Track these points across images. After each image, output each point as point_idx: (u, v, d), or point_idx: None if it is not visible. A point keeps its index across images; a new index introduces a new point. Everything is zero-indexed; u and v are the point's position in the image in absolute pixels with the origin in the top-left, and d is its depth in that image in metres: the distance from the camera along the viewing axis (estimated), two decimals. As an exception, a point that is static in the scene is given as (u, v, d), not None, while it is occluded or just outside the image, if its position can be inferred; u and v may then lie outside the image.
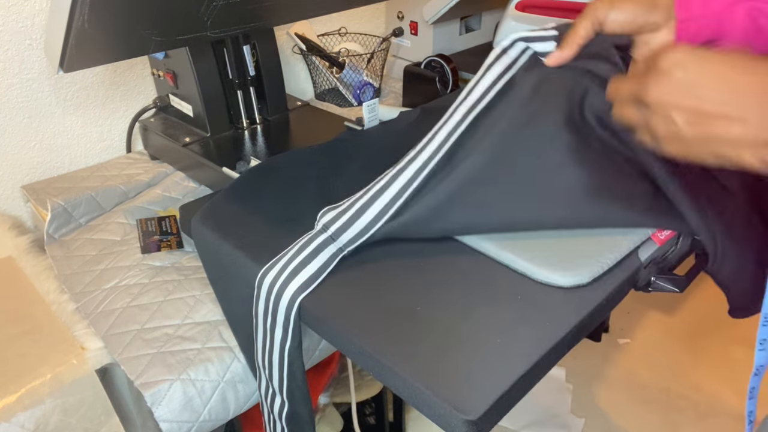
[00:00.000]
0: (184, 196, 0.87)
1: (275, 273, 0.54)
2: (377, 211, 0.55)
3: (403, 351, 0.47)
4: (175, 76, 0.90)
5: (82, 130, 0.95)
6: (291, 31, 1.11)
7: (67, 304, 0.69)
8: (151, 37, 0.69)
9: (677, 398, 1.34)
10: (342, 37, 1.21)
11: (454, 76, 1.01)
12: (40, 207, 0.83)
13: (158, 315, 0.67)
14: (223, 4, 0.68)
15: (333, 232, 0.55)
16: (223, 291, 0.63)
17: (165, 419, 0.58)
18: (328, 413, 1.11)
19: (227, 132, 0.91)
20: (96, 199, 0.85)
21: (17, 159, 0.90)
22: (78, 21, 0.57)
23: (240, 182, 0.71)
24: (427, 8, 1.13)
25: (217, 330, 0.65)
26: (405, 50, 1.24)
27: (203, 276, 0.72)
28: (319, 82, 1.14)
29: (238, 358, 0.63)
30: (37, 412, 0.57)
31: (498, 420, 0.44)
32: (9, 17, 0.82)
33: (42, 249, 0.79)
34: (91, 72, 0.93)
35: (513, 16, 1.04)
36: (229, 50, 0.88)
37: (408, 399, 0.46)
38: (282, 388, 0.57)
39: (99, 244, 0.78)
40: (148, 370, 0.60)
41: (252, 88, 0.92)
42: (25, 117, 0.89)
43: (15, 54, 0.84)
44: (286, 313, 0.53)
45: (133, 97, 0.99)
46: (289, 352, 0.54)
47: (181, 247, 0.78)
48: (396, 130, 0.83)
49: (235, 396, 0.63)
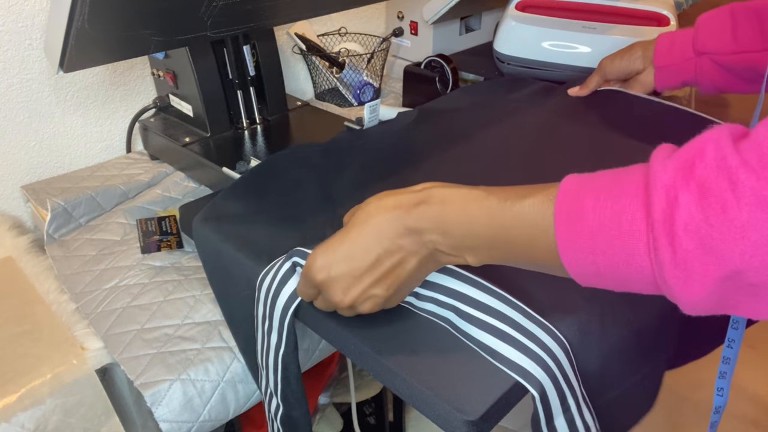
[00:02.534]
0: (184, 196, 0.86)
1: (271, 277, 0.54)
2: None
3: (403, 351, 0.47)
4: (175, 76, 0.90)
5: (82, 130, 0.95)
6: (291, 31, 1.11)
7: (67, 304, 0.69)
8: (151, 37, 0.69)
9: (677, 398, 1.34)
10: (342, 37, 1.21)
11: (454, 76, 1.01)
12: (40, 207, 0.83)
13: (158, 315, 0.67)
14: (223, 4, 0.68)
15: None
16: (224, 292, 0.63)
17: (165, 419, 0.58)
18: (328, 413, 1.11)
19: (227, 132, 0.91)
20: (96, 199, 0.85)
21: (17, 159, 0.90)
22: (78, 21, 0.57)
23: (240, 183, 0.71)
24: (427, 8, 1.13)
25: (217, 330, 0.65)
26: (405, 50, 1.24)
27: (203, 276, 0.72)
28: (319, 82, 1.14)
29: (238, 358, 0.63)
30: (37, 412, 0.57)
31: (498, 420, 0.44)
32: (9, 17, 0.82)
33: (42, 249, 0.79)
34: (91, 72, 0.93)
35: (513, 16, 1.04)
36: (229, 50, 0.88)
37: (408, 399, 0.46)
38: (277, 390, 0.57)
39: (99, 244, 0.78)
40: (148, 370, 0.60)
41: (252, 88, 0.92)
42: (25, 117, 0.88)
43: (15, 54, 0.84)
44: (280, 319, 0.53)
45: (133, 97, 0.99)
46: (283, 358, 0.54)
47: (181, 247, 0.78)
48: (394, 130, 0.83)
49: (235, 396, 0.63)
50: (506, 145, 0.79)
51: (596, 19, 1.02)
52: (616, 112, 0.87)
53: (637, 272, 0.36)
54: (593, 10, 1.05)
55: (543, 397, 0.44)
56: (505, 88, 0.98)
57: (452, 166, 0.74)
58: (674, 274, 0.34)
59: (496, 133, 0.82)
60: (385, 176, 0.72)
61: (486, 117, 0.86)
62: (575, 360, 0.48)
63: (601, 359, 0.50)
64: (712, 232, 0.32)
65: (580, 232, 0.37)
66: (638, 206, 0.35)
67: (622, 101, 0.90)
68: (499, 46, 1.06)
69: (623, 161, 0.74)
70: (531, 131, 0.83)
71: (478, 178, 0.71)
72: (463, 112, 0.89)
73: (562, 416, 0.46)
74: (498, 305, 0.48)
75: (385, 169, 0.73)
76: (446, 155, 0.77)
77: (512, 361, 0.45)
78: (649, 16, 1.02)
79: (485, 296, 0.48)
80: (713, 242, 0.32)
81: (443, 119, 0.86)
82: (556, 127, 0.83)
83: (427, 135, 0.82)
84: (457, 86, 1.02)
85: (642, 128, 0.81)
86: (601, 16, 1.03)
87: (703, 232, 0.32)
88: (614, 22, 1.01)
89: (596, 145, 0.78)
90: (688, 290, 0.34)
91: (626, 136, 0.78)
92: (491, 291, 0.49)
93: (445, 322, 0.49)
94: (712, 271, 0.33)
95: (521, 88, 0.97)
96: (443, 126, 0.84)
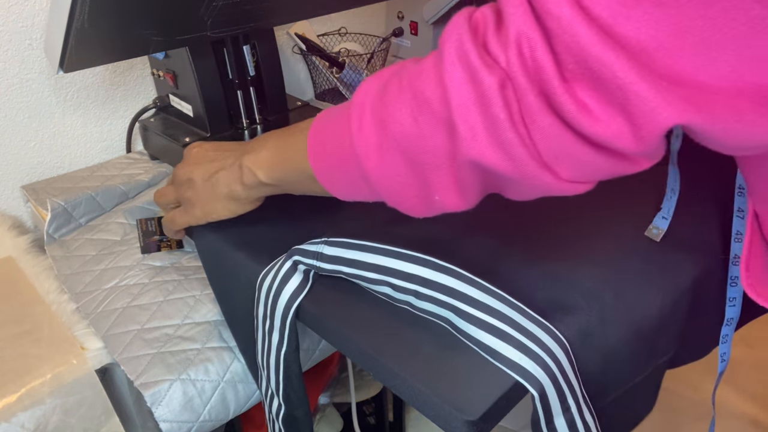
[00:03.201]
0: (184, 196, 0.86)
1: (271, 277, 0.54)
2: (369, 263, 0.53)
3: (403, 351, 0.47)
4: (175, 76, 0.90)
5: (82, 130, 0.95)
6: (291, 31, 1.11)
7: (67, 304, 0.69)
8: (151, 37, 0.69)
9: (677, 398, 1.34)
10: (342, 37, 1.21)
11: (454, 76, 1.01)
12: (40, 207, 0.83)
13: (158, 315, 0.67)
14: (223, 4, 0.68)
15: (320, 252, 0.54)
16: (224, 292, 0.63)
17: (165, 419, 0.58)
18: (328, 413, 1.11)
19: (227, 132, 0.91)
20: (96, 199, 0.85)
21: (17, 159, 0.90)
22: (78, 21, 0.57)
23: None
24: (427, 8, 1.13)
25: (217, 330, 0.65)
26: (405, 50, 1.24)
27: (203, 276, 0.72)
28: (319, 82, 1.14)
29: (238, 358, 0.63)
30: (37, 412, 0.57)
31: (498, 420, 0.44)
32: (9, 17, 0.82)
33: (42, 249, 0.79)
34: (91, 72, 0.93)
35: (513, 16, 1.04)
36: (229, 50, 0.88)
37: (408, 399, 0.46)
38: (279, 390, 0.57)
39: (99, 244, 0.78)
40: (148, 370, 0.60)
41: (252, 88, 0.92)
42: (25, 117, 0.88)
43: (15, 54, 0.84)
44: (282, 318, 0.53)
45: (133, 97, 0.99)
46: (284, 357, 0.54)
47: (181, 247, 0.78)
48: None
49: (235, 396, 0.63)
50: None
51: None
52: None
53: (344, 150, 0.43)
54: (593, 10, 1.04)
55: (543, 396, 0.44)
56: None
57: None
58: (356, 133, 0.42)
59: None
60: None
61: None
62: (575, 360, 0.48)
63: (601, 359, 0.50)
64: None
65: (322, 149, 0.46)
66: (347, 122, 0.43)
67: None
68: (499, 46, 1.06)
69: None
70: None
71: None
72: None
73: (562, 416, 0.46)
74: (497, 305, 0.48)
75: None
76: None
77: (512, 360, 0.45)
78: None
79: (484, 296, 0.48)
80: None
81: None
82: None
83: None
84: (457, 86, 1.02)
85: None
86: (601, 16, 1.03)
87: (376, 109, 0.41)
88: (614, 22, 1.01)
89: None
90: (360, 133, 0.42)
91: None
92: (490, 291, 0.49)
93: (444, 322, 0.49)
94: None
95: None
96: None
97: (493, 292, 0.49)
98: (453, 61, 0.36)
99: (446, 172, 0.39)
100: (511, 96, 0.35)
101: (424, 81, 0.38)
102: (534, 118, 0.35)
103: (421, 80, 0.38)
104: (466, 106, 0.36)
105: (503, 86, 0.34)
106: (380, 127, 0.40)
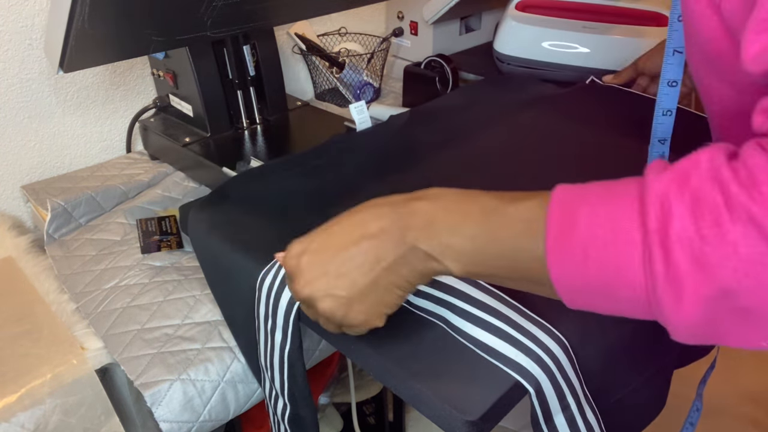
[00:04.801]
0: (184, 196, 0.86)
1: (272, 276, 0.54)
2: None
3: (403, 351, 0.47)
4: (175, 76, 0.90)
5: (82, 130, 0.95)
6: (291, 31, 1.11)
7: (67, 304, 0.69)
8: (151, 37, 0.69)
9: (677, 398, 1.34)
10: (342, 37, 1.21)
11: (454, 76, 1.01)
12: (40, 207, 0.83)
13: (158, 315, 0.67)
14: (223, 4, 0.68)
15: None
16: (223, 294, 0.63)
17: (165, 419, 0.58)
18: (328, 413, 1.11)
19: (227, 132, 0.91)
20: (96, 199, 0.85)
21: (17, 159, 0.90)
22: (78, 21, 0.57)
23: (234, 182, 0.71)
24: (427, 8, 1.13)
25: (217, 330, 0.65)
26: (405, 50, 1.24)
27: (203, 276, 0.72)
28: (319, 82, 1.14)
29: (238, 358, 0.63)
30: (37, 412, 0.57)
31: (498, 420, 0.44)
32: (9, 17, 0.82)
33: (42, 249, 0.79)
34: (91, 72, 0.93)
35: (513, 16, 1.04)
36: (229, 50, 0.88)
37: (408, 399, 0.46)
38: (284, 390, 0.57)
39: (99, 244, 0.78)
40: (148, 371, 0.60)
41: (252, 88, 0.92)
42: (25, 117, 0.88)
43: (15, 54, 0.84)
44: (285, 316, 0.53)
45: (133, 97, 0.99)
46: (289, 355, 0.54)
47: (181, 247, 0.78)
48: (388, 132, 0.83)
49: (235, 396, 0.63)
50: (504, 145, 0.79)
51: (596, 19, 1.02)
52: (615, 111, 0.87)
53: (628, 286, 0.34)
54: (593, 10, 1.05)
55: (539, 393, 0.44)
56: (502, 87, 0.98)
57: (448, 167, 0.74)
58: (666, 289, 0.32)
59: (492, 133, 0.82)
60: (383, 176, 0.72)
61: (482, 117, 0.86)
62: (576, 359, 0.48)
63: (602, 358, 0.50)
64: (704, 246, 0.30)
65: (571, 239, 0.35)
66: (633, 215, 0.33)
67: (623, 100, 0.90)
68: (499, 46, 1.06)
69: (623, 160, 0.75)
70: (528, 131, 0.83)
71: (475, 178, 0.72)
72: (459, 111, 0.89)
73: (562, 414, 0.46)
74: (494, 303, 0.48)
75: (382, 170, 0.73)
76: (442, 156, 0.76)
77: (507, 357, 0.45)
78: (649, 16, 1.02)
79: (481, 294, 0.48)
80: (704, 256, 0.30)
81: (439, 119, 0.86)
82: (554, 126, 0.83)
83: (422, 135, 0.82)
84: (457, 86, 1.02)
85: (642, 127, 0.81)
86: (601, 16, 1.03)
87: (695, 246, 0.31)
88: (614, 22, 1.01)
89: (596, 145, 0.78)
90: (679, 309, 0.32)
91: (626, 135, 0.78)
92: (488, 289, 0.49)
93: (440, 320, 0.49)
94: (703, 289, 0.31)
95: (518, 86, 0.97)
96: (439, 126, 0.84)
97: (490, 291, 0.49)
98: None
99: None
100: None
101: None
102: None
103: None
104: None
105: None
106: (700, 270, 0.31)
